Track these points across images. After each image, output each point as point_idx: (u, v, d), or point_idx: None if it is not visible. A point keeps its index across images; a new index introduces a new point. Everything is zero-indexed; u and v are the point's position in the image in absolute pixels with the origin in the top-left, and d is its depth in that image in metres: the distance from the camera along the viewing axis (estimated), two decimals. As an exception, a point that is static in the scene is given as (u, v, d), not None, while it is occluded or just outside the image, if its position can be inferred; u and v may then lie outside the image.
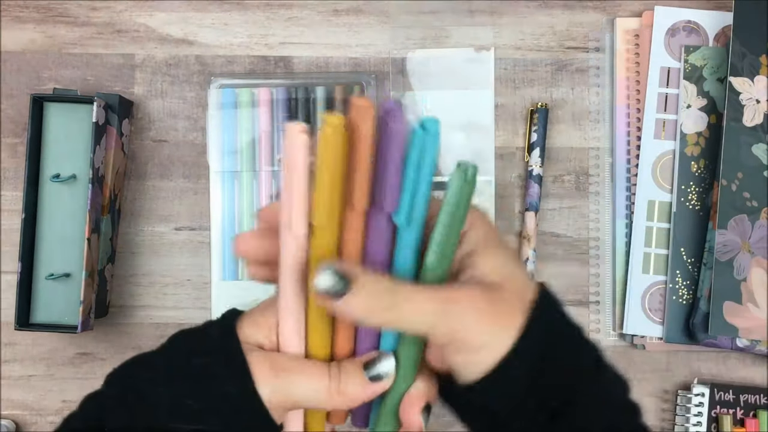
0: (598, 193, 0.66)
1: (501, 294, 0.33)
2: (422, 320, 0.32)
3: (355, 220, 0.33)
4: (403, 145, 0.31)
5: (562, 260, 0.65)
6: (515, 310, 0.33)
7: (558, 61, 0.66)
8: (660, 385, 0.65)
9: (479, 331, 0.32)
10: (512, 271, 0.34)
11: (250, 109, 0.64)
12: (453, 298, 0.32)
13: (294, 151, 0.32)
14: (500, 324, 0.32)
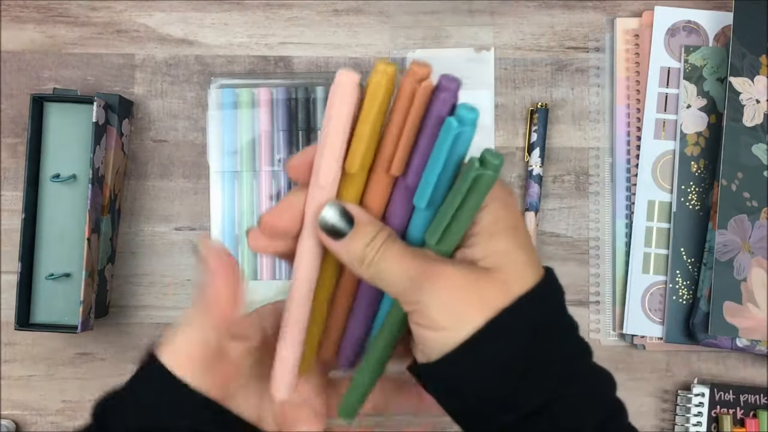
0: (598, 193, 0.66)
1: (486, 280, 0.32)
2: (396, 282, 0.32)
3: (385, 183, 0.33)
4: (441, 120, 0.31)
5: (562, 260, 0.65)
6: (493, 299, 0.32)
7: (558, 61, 0.66)
8: (660, 385, 0.65)
9: (444, 311, 0.32)
10: (511, 259, 0.33)
11: (250, 109, 0.64)
12: (430, 272, 0.32)
13: (341, 100, 0.31)
14: (468, 310, 0.32)
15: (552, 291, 0.34)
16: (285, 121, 0.64)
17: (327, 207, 0.33)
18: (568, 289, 0.62)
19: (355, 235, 0.33)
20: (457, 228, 0.32)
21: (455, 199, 0.31)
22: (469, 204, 0.31)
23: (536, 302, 0.33)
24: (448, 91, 0.31)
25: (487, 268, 0.32)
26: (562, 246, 0.66)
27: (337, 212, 0.33)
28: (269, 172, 0.64)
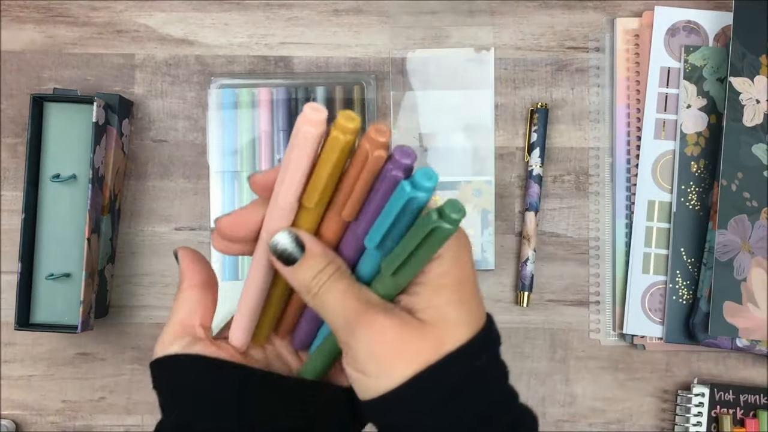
0: (598, 193, 0.66)
1: (419, 334, 0.33)
2: (333, 320, 0.33)
3: (338, 224, 0.34)
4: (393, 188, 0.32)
5: (562, 260, 0.65)
6: (424, 353, 0.32)
7: (558, 61, 0.66)
8: (660, 385, 0.65)
9: (372, 360, 0.33)
10: (448, 315, 0.33)
11: (250, 109, 0.64)
12: (365, 319, 0.33)
13: (304, 136, 0.32)
14: (396, 363, 0.32)
15: (485, 344, 0.35)
16: (285, 121, 0.64)
17: (281, 233, 0.34)
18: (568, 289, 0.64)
19: (304, 264, 0.34)
20: (410, 269, 0.32)
21: (410, 243, 0.31)
22: (423, 250, 0.31)
23: (465, 357, 0.33)
24: (398, 167, 0.31)
25: (423, 321, 0.33)
26: (562, 246, 0.66)
27: (290, 239, 0.34)
28: (269, 172, 0.64)
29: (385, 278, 0.34)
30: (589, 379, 0.65)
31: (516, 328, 0.65)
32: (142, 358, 0.65)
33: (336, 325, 0.34)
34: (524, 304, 0.64)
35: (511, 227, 0.66)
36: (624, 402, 0.65)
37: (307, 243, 0.34)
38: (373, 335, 0.32)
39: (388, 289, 0.34)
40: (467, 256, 0.35)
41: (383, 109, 0.65)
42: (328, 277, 0.34)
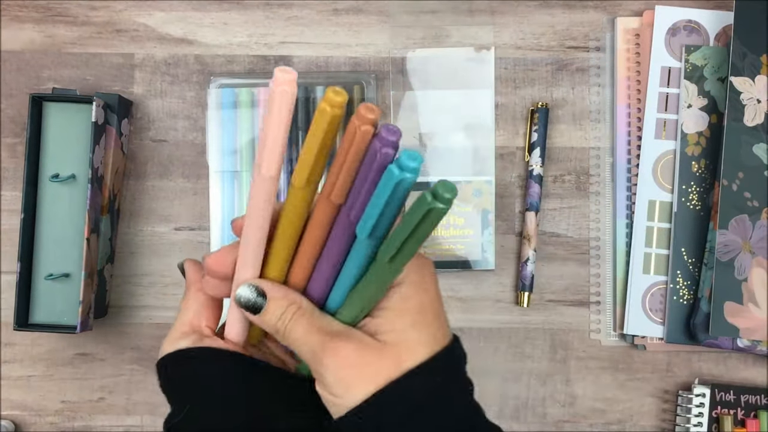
0: (598, 193, 0.66)
1: (380, 355, 0.36)
2: (302, 353, 0.37)
3: (328, 209, 0.35)
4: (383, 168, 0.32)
5: (562, 260, 0.65)
6: (384, 371, 0.35)
7: (558, 60, 0.66)
8: (661, 385, 0.65)
9: (338, 382, 0.35)
10: (408, 336, 0.36)
11: (249, 108, 0.64)
12: (329, 349, 0.36)
13: (279, 98, 0.32)
14: (358, 382, 0.35)
15: (447, 362, 0.37)
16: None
17: (242, 287, 0.37)
18: (568, 289, 0.64)
19: (268, 310, 0.37)
20: (407, 253, 0.33)
21: (406, 227, 0.32)
22: (419, 233, 0.32)
23: (426, 374, 0.36)
24: (386, 144, 0.32)
25: (384, 342, 0.36)
26: (562, 246, 0.65)
27: (252, 290, 0.37)
28: (269, 171, 0.64)
29: (380, 266, 0.35)
30: (590, 379, 0.65)
31: (516, 329, 0.65)
32: (141, 359, 0.65)
33: (305, 357, 0.36)
34: (524, 304, 0.64)
35: (511, 227, 0.66)
36: (624, 402, 0.65)
37: (268, 291, 0.37)
38: (338, 361, 0.35)
39: (355, 311, 0.37)
40: (431, 280, 0.38)
41: (383, 109, 0.65)
42: (291, 315, 0.37)
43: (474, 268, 0.65)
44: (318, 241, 0.37)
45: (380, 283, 0.36)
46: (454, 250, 0.64)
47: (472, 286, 0.65)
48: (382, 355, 0.36)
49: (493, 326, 0.65)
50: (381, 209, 0.33)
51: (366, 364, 0.35)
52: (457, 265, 0.64)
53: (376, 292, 0.37)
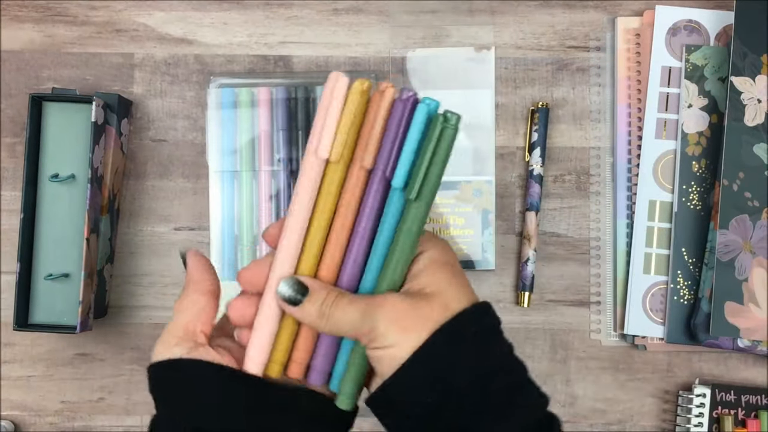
0: (599, 192, 0.65)
1: (427, 302, 0.38)
2: (350, 321, 0.38)
3: (359, 176, 0.39)
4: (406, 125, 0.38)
5: (562, 260, 0.65)
6: (435, 316, 0.37)
7: (559, 60, 0.66)
8: (661, 385, 0.65)
9: (392, 329, 0.37)
10: (449, 285, 0.39)
11: (249, 108, 0.64)
12: (377, 302, 0.38)
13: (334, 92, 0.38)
14: (413, 326, 0.37)
15: (489, 312, 0.40)
16: (284, 120, 0.64)
17: (282, 283, 0.39)
18: (568, 289, 0.64)
19: (310, 299, 0.39)
20: (431, 180, 0.37)
21: (426, 154, 0.37)
22: (438, 157, 0.37)
23: (475, 314, 0.39)
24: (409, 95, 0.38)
25: (429, 293, 0.38)
26: (562, 246, 0.65)
27: (291, 286, 0.39)
28: (269, 171, 0.64)
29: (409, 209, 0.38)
30: (590, 379, 0.65)
31: (517, 329, 0.65)
32: (141, 359, 0.65)
33: (355, 324, 0.38)
34: (525, 304, 0.64)
35: (511, 227, 0.65)
36: (625, 402, 0.65)
37: (307, 283, 0.39)
38: (389, 309, 0.37)
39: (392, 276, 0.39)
40: (452, 252, 0.41)
41: (383, 109, 0.65)
42: (333, 298, 0.39)
43: (474, 268, 0.64)
44: (352, 211, 0.40)
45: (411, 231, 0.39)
46: (454, 250, 0.64)
47: (472, 285, 0.65)
48: (431, 301, 0.38)
49: (494, 326, 0.65)
50: (414, 152, 0.37)
51: (417, 309, 0.37)
52: (458, 265, 0.64)
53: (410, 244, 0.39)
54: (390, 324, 0.37)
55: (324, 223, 0.40)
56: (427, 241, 0.40)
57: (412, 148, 0.38)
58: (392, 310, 0.37)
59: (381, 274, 0.39)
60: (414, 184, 0.37)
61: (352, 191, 0.39)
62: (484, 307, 0.40)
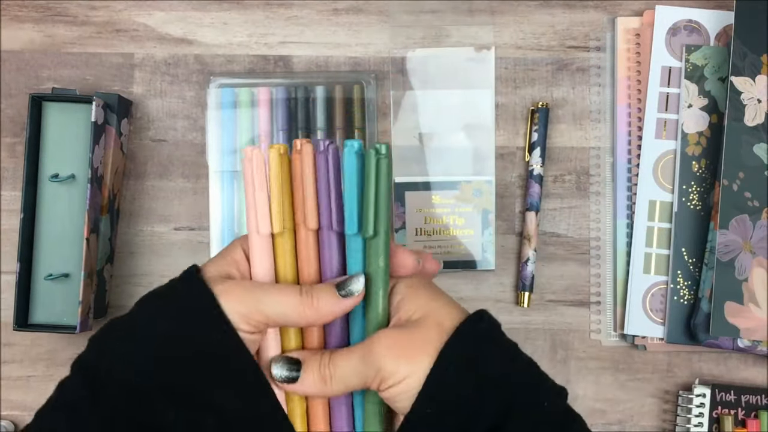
0: (599, 193, 0.65)
1: (421, 327, 0.38)
2: (355, 370, 0.38)
3: (309, 237, 0.40)
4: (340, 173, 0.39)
5: (562, 260, 0.65)
6: (431, 339, 0.37)
7: (559, 60, 0.66)
8: (661, 385, 0.65)
9: (397, 363, 0.37)
10: (432, 306, 0.39)
11: (249, 108, 0.64)
12: (368, 348, 0.38)
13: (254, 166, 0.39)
14: (416, 353, 0.37)
15: (485, 318, 0.40)
16: (284, 120, 0.64)
17: (273, 366, 0.39)
18: (568, 289, 0.64)
19: (306, 370, 0.39)
20: (382, 213, 0.39)
21: (370, 192, 0.38)
22: (381, 189, 0.38)
23: (468, 334, 0.38)
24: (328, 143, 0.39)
25: (418, 319, 0.38)
26: (562, 246, 0.65)
27: (283, 365, 0.39)
28: (269, 171, 0.64)
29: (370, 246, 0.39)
30: (590, 379, 0.65)
31: (516, 329, 0.65)
32: (141, 359, 0.65)
33: (360, 370, 0.38)
34: (525, 304, 0.64)
35: (511, 227, 0.65)
36: (625, 403, 0.65)
37: (297, 356, 0.40)
38: (388, 345, 0.37)
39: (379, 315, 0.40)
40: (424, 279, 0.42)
41: (383, 109, 0.65)
42: (329, 359, 0.39)
43: (474, 268, 0.64)
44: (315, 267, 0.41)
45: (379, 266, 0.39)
46: (454, 251, 0.64)
47: (472, 286, 0.65)
48: (424, 325, 0.38)
49: (494, 326, 0.65)
50: (357, 194, 0.38)
51: (413, 335, 0.38)
52: (457, 265, 0.64)
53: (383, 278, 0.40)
54: (395, 359, 0.37)
55: None
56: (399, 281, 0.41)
57: (354, 194, 0.38)
58: (391, 345, 0.37)
59: (366, 317, 0.40)
60: (368, 224, 0.38)
61: (306, 250, 0.40)
62: (478, 315, 0.40)
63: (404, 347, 0.37)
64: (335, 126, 0.64)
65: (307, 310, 0.38)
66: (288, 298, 0.39)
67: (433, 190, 0.64)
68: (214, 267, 0.40)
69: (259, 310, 0.38)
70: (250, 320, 0.38)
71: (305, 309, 0.38)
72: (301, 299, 0.39)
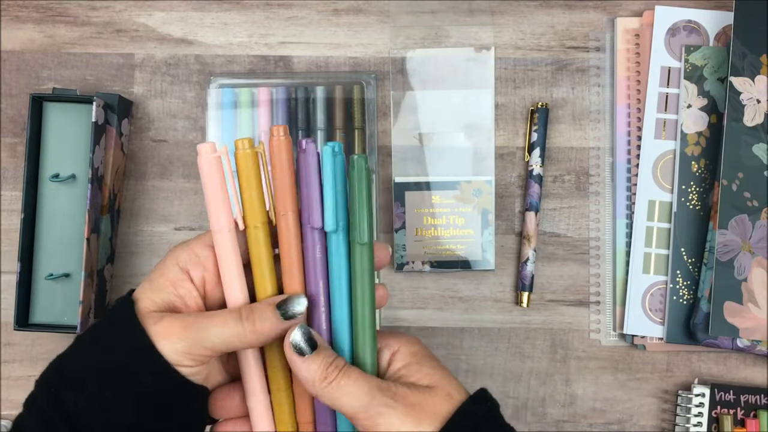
0: (598, 193, 0.66)
1: (433, 395, 0.39)
2: (357, 397, 0.38)
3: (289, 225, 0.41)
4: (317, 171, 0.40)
5: (562, 260, 0.65)
6: (441, 409, 0.38)
7: (558, 60, 0.66)
8: (660, 385, 0.65)
9: (402, 421, 0.37)
10: (441, 376, 0.40)
11: (249, 108, 0.64)
12: (386, 390, 0.38)
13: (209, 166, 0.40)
14: (424, 419, 0.38)
15: (488, 397, 0.41)
16: (285, 120, 0.64)
17: (297, 329, 0.39)
18: (568, 289, 0.64)
19: (317, 355, 0.39)
20: (369, 218, 0.40)
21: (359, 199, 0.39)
22: (364, 195, 0.39)
23: (479, 402, 0.39)
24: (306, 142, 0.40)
25: (428, 386, 0.39)
26: (562, 246, 0.65)
27: (303, 334, 0.39)
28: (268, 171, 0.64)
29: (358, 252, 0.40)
30: (590, 379, 0.65)
31: (516, 329, 0.65)
32: (141, 359, 0.65)
33: (362, 402, 0.38)
34: (524, 304, 0.64)
35: (511, 227, 0.66)
36: (624, 402, 0.65)
37: (319, 341, 0.39)
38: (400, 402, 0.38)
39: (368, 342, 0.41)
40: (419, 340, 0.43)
41: (383, 109, 0.65)
42: (343, 364, 0.39)
43: (474, 268, 0.65)
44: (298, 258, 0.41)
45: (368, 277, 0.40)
46: (454, 250, 0.64)
47: (472, 286, 0.65)
48: (436, 394, 0.39)
49: (493, 326, 0.65)
50: (333, 193, 0.39)
51: (425, 401, 0.38)
52: (457, 265, 0.64)
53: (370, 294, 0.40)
54: (401, 415, 0.37)
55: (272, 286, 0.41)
56: (394, 338, 0.41)
57: (332, 193, 0.39)
58: (404, 402, 0.38)
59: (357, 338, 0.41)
60: (361, 230, 0.39)
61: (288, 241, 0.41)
62: (481, 394, 0.41)
63: (415, 410, 0.38)
64: (335, 126, 0.64)
65: (249, 335, 0.39)
66: (228, 327, 0.39)
67: (432, 190, 0.64)
68: (149, 298, 0.40)
69: (199, 343, 0.38)
70: (193, 356, 0.38)
71: (247, 334, 0.39)
72: (243, 325, 0.39)
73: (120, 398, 0.38)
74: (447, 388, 0.39)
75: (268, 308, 0.39)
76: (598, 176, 0.66)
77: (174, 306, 0.40)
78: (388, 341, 0.42)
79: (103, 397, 0.38)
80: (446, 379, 0.40)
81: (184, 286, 0.40)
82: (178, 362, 0.38)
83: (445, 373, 0.40)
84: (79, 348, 0.40)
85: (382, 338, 0.42)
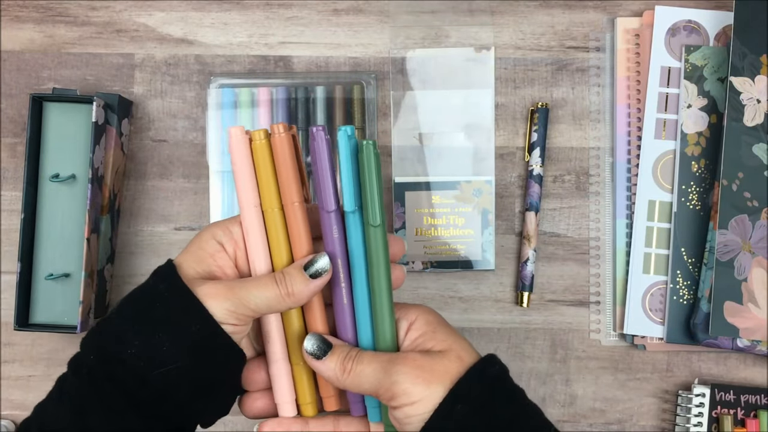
0: (598, 193, 0.66)
1: (444, 358, 0.41)
2: (372, 375, 0.41)
3: (296, 214, 0.43)
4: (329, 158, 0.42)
5: (562, 260, 0.65)
6: (451, 370, 0.40)
7: (558, 60, 0.66)
8: (660, 385, 0.65)
9: (416, 384, 0.39)
10: (456, 341, 0.42)
11: (249, 108, 0.64)
12: (393, 360, 0.41)
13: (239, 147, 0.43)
14: (434, 380, 0.40)
15: (497, 361, 0.42)
16: (284, 120, 0.64)
17: (307, 338, 0.43)
18: (568, 289, 0.64)
19: (334, 353, 0.42)
20: (380, 200, 0.42)
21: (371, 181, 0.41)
22: (374, 178, 0.41)
23: (484, 372, 0.41)
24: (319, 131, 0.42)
25: (441, 350, 0.41)
26: (562, 246, 0.65)
27: (316, 341, 0.43)
28: (269, 171, 0.64)
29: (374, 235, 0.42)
30: (590, 379, 0.65)
31: (516, 329, 0.65)
32: (141, 359, 0.65)
33: (378, 377, 0.40)
34: (524, 304, 0.64)
35: (511, 227, 0.66)
36: (624, 402, 0.65)
37: (331, 340, 0.43)
38: (411, 365, 0.40)
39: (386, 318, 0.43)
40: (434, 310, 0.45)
41: (383, 109, 0.65)
42: (356, 353, 0.42)
43: (474, 268, 0.65)
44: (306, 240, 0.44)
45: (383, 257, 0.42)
46: (454, 250, 0.64)
47: (472, 286, 0.65)
48: (447, 356, 0.41)
49: (493, 326, 0.65)
50: (351, 175, 0.41)
51: (436, 364, 0.40)
52: (457, 265, 0.64)
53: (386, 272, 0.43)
54: (413, 379, 0.40)
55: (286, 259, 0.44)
56: (411, 308, 0.44)
57: (349, 174, 0.41)
58: (414, 366, 0.40)
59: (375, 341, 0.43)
60: (374, 212, 0.41)
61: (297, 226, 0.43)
62: (491, 358, 0.42)
63: (425, 372, 0.40)
64: (335, 126, 0.64)
65: (286, 298, 0.42)
66: (268, 290, 0.42)
67: (432, 190, 0.64)
68: (190, 267, 0.42)
69: (244, 304, 0.41)
70: (239, 315, 0.41)
71: (283, 296, 0.42)
72: (278, 287, 0.42)
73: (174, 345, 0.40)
74: (458, 351, 0.41)
75: (296, 270, 0.42)
76: (598, 176, 0.66)
77: (214, 275, 0.43)
78: (406, 312, 0.44)
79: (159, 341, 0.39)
80: (458, 342, 0.42)
81: (222, 257, 0.43)
82: (225, 320, 0.40)
83: (457, 338, 0.42)
84: (125, 306, 0.42)
85: (400, 310, 0.44)
